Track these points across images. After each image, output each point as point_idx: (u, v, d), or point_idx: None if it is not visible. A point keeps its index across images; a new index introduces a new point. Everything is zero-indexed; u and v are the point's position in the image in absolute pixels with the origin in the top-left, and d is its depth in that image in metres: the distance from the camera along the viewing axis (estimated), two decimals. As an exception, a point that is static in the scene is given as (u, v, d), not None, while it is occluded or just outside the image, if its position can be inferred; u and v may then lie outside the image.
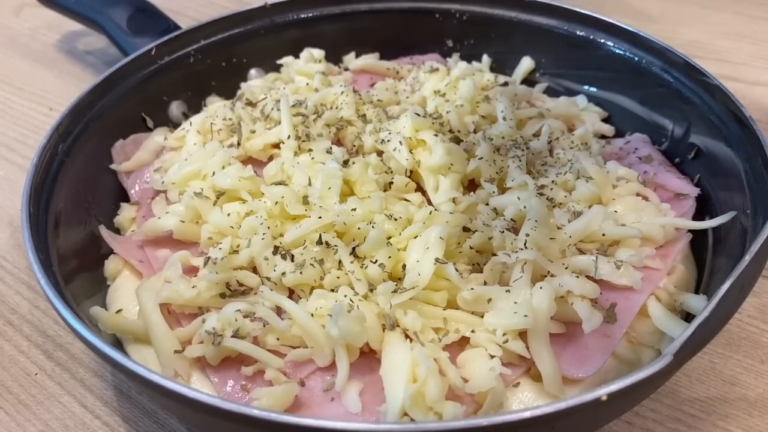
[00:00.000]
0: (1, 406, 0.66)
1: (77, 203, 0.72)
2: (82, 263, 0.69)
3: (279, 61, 0.93)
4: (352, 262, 0.61)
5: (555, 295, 0.57)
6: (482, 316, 0.58)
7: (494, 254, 0.62)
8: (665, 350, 0.48)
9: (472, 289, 0.58)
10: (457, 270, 0.59)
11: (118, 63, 0.83)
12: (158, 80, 0.86)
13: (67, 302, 0.56)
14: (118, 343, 0.64)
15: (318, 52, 0.93)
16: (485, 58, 0.96)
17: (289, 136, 0.75)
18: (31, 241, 0.60)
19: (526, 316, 0.55)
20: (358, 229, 0.63)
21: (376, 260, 0.61)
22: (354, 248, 0.63)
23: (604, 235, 0.64)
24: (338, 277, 0.61)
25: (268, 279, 0.62)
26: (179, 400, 0.47)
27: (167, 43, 0.87)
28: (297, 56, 0.94)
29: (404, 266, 0.60)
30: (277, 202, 0.66)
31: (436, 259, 0.58)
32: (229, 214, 0.67)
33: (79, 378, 0.69)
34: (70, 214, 0.70)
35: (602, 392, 0.46)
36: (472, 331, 0.57)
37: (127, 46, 0.96)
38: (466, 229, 0.63)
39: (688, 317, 0.63)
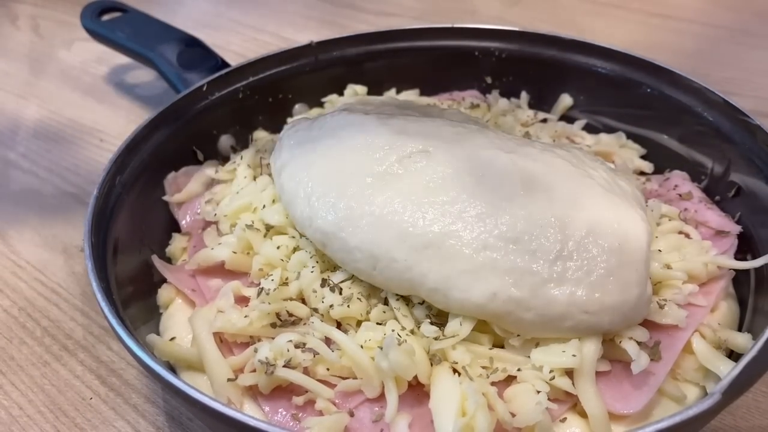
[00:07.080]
0: (59, 429, 0.68)
1: (132, 233, 0.75)
2: (136, 291, 0.71)
3: (323, 99, 0.96)
4: (398, 300, 0.63)
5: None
6: (528, 355, 0.59)
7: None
8: (713, 388, 0.49)
9: (518, 336, 0.59)
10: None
11: (172, 99, 0.86)
12: (209, 115, 0.89)
13: (129, 330, 0.58)
14: (171, 370, 0.66)
15: (361, 89, 0.96)
16: (524, 94, 0.98)
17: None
18: (94, 271, 0.63)
19: (574, 355, 0.56)
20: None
21: (423, 302, 0.62)
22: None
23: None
24: (384, 312, 0.63)
25: (316, 311, 0.64)
26: (240, 428, 0.49)
27: (218, 80, 0.90)
28: (340, 92, 0.97)
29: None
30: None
31: None
32: (278, 247, 0.69)
33: (132, 403, 0.71)
34: (125, 244, 0.73)
35: (652, 429, 0.47)
36: (519, 369, 0.58)
37: (177, 81, 0.99)
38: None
39: (731, 355, 0.63)
